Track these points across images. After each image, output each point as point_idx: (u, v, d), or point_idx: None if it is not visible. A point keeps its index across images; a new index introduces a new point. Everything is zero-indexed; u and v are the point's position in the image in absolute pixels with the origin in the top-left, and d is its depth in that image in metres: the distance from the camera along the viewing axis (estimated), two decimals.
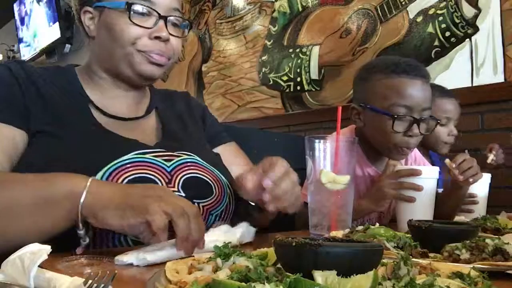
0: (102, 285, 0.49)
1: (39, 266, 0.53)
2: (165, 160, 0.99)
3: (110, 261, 0.69)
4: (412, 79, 1.36)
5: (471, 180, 1.38)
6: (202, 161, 1.06)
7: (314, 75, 3.08)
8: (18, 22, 5.94)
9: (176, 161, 1.01)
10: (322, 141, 1.06)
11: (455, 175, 1.37)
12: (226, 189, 1.07)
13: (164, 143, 1.06)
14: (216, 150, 1.23)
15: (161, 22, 1.03)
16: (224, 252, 0.59)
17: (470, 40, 2.34)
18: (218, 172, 1.08)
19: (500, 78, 2.23)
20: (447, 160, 1.41)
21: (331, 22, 2.98)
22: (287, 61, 3.25)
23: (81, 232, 0.74)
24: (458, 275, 0.53)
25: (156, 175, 0.95)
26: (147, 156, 0.97)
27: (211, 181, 1.03)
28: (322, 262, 0.48)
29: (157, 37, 1.02)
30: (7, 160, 0.89)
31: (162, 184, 0.94)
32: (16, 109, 0.94)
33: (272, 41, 3.37)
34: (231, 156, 1.23)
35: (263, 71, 3.43)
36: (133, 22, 1.00)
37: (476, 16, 2.32)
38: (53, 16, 5.14)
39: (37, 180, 0.77)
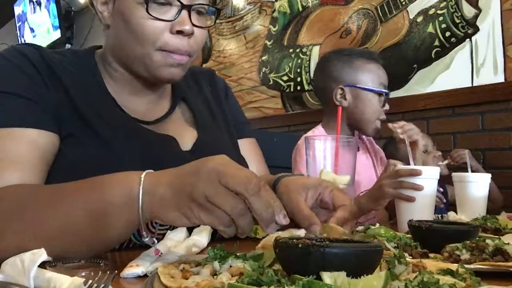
0: (102, 285, 0.49)
1: (39, 266, 0.53)
2: None
3: (107, 264, 0.68)
4: (380, 63, 1.69)
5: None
6: None
7: None
8: (18, 22, 5.94)
9: None
10: (322, 141, 1.06)
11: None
12: None
13: (200, 143, 0.99)
14: None
15: (184, 13, 0.89)
16: (220, 255, 0.57)
17: (470, 40, 2.34)
18: None
19: (500, 78, 2.23)
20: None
21: (331, 22, 2.98)
22: (287, 61, 3.25)
23: (146, 239, 0.66)
24: (448, 272, 0.53)
25: None
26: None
27: None
28: (329, 263, 0.47)
29: (179, 31, 0.89)
30: (45, 173, 0.81)
31: None
32: (45, 109, 0.84)
33: (272, 41, 3.37)
34: (251, 154, 1.16)
35: (263, 71, 3.43)
36: (151, 15, 0.87)
37: (476, 16, 2.32)
38: (53, 16, 5.14)
39: (86, 190, 0.68)
